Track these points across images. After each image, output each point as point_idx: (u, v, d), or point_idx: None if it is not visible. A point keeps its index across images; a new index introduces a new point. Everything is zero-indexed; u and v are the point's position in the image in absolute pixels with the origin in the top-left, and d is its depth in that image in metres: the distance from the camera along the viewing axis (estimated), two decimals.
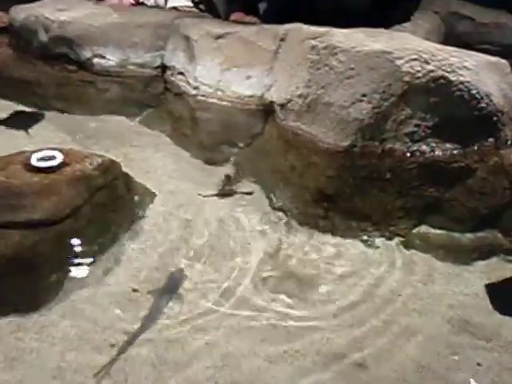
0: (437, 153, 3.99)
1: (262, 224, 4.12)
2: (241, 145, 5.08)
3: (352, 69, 4.15)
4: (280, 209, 4.29)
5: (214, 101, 5.34)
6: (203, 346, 3.07)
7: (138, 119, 5.57)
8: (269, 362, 3.00)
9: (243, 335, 3.16)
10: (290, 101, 4.55)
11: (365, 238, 4.01)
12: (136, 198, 4.22)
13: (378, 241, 3.98)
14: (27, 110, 5.56)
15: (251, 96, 5.20)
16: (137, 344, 3.05)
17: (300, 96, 4.45)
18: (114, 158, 4.23)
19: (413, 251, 3.91)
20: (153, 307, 3.31)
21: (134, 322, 3.20)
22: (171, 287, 3.47)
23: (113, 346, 3.04)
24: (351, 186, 4.07)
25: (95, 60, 6.06)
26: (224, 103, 5.28)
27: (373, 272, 3.71)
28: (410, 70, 3.93)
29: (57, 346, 3.03)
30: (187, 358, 3.01)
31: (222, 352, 3.04)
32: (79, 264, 3.58)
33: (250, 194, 4.46)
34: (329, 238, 4.02)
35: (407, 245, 3.97)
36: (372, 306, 3.44)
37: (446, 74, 3.92)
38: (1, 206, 3.45)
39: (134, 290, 3.45)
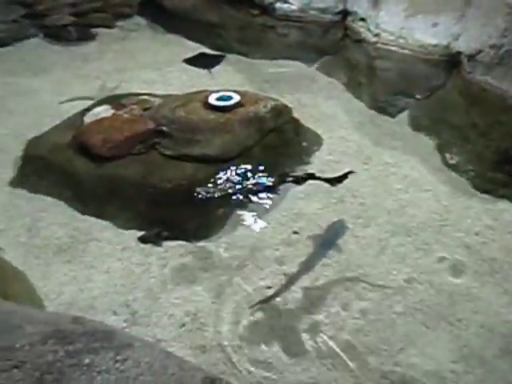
0: None
1: (431, 183, 3.88)
2: (418, 97, 4.78)
3: None
4: (454, 168, 3.99)
5: (395, 49, 5.07)
6: (354, 299, 3.03)
7: (314, 65, 5.51)
8: None
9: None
10: (480, 52, 4.15)
11: None
12: (304, 143, 4.22)
13: None
14: (211, 51, 5.80)
15: (435, 45, 4.83)
16: (292, 289, 3.10)
17: (492, 47, 4.02)
18: (286, 103, 4.28)
19: None
20: (311, 254, 3.33)
21: (291, 266, 3.25)
22: (331, 237, 3.45)
23: (269, 287, 3.12)
24: None
25: (277, 4, 6.08)
26: (405, 52, 4.99)
27: None
28: None
29: (216, 277, 3.19)
30: (339, 307, 2.99)
31: (360, 308, 2.98)
32: (247, 200, 3.71)
33: None
34: (508, 205, 3.66)
35: None
36: None
37: None
38: (179, 139, 3.69)
39: (295, 233, 3.48)
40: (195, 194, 3.53)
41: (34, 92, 5.04)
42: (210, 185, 3.57)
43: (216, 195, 3.57)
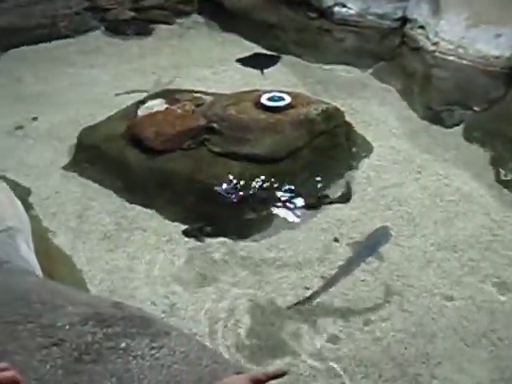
0: None
1: (482, 197, 3.77)
2: (475, 109, 4.64)
3: None
4: (507, 184, 3.86)
5: (453, 59, 4.95)
6: (395, 310, 2.97)
7: (369, 71, 5.44)
8: None
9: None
10: None
11: None
12: (354, 149, 4.18)
13: None
14: (266, 52, 5.81)
15: (497, 57, 4.70)
16: (330, 293, 3.08)
17: None
18: (338, 107, 4.24)
19: None
20: (350, 259, 3.29)
21: (330, 270, 3.22)
22: (373, 243, 3.39)
23: (307, 288, 3.11)
24: None
25: (336, 8, 6.05)
26: (464, 62, 4.87)
27: None
28: None
29: (256, 275, 3.21)
30: (378, 317, 2.94)
31: (401, 319, 2.92)
32: (291, 203, 3.70)
33: None
34: None
35: None
36: None
37: None
38: (228, 137, 3.72)
39: (335, 240, 3.46)
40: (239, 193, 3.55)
41: (92, 83, 5.19)
42: (255, 184, 3.58)
43: (261, 196, 3.57)
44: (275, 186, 3.64)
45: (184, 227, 3.51)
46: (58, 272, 2.91)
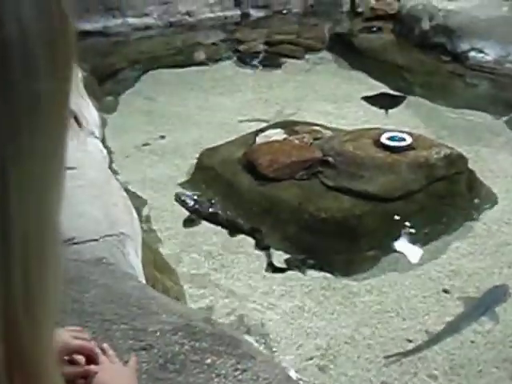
0: None
1: None
2: None
3: None
4: None
5: None
6: (505, 379, 2.70)
7: (502, 119, 5.13)
8: None
9: None
10: None
11: None
12: (476, 200, 3.94)
13: None
14: (392, 92, 5.72)
15: None
16: (433, 349, 2.88)
17: None
18: (463, 153, 4.04)
19: None
20: (461, 316, 3.06)
21: (437, 325, 3.02)
22: (488, 302, 3.14)
23: (410, 341, 2.93)
24: None
25: (471, 54, 5.82)
26: None
27: None
28: None
29: (355, 316, 3.10)
30: (484, 383, 2.70)
31: None
32: (400, 246, 3.55)
33: None
34: None
35: None
36: None
37: None
38: (342, 171, 3.68)
39: (445, 291, 3.24)
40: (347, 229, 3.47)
41: (219, 108, 5.41)
42: (363, 222, 3.49)
43: (367, 234, 3.47)
44: (385, 226, 3.52)
45: (287, 256, 3.49)
46: (162, 282, 3.00)
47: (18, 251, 0.57)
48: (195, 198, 3.86)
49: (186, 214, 3.86)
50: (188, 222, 3.78)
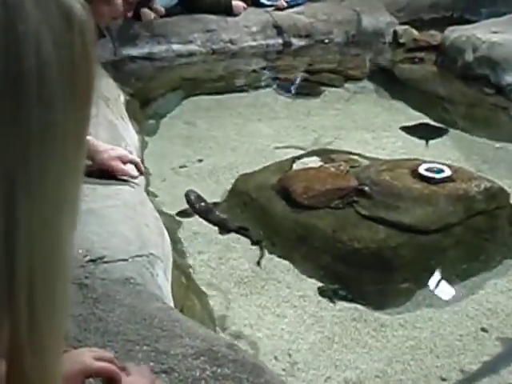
0: None
1: None
2: None
3: None
4: None
5: None
6: None
7: None
8: None
9: None
10: None
11: None
12: None
13: None
14: (432, 123, 5.64)
15: None
16: None
17: None
18: (504, 187, 3.93)
19: None
20: (499, 357, 2.93)
21: (472, 364, 2.90)
22: None
23: (444, 379, 2.82)
24: None
25: None
26: None
27: None
28: None
29: (386, 350, 3.00)
30: None
31: None
32: (436, 280, 3.45)
33: None
34: None
35: None
36: None
37: None
38: (378, 201, 3.62)
39: (483, 330, 3.12)
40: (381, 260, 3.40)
41: (256, 134, 5.44)
42: (399, 253, 3.41)
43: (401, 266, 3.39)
44: (420, 258, 3.43)
45: (319, 285, 3.43)
46: (190, 306, 2.99)
47: (23, 277, 0.56)
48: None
49: (220, 238, 3.86)
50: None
